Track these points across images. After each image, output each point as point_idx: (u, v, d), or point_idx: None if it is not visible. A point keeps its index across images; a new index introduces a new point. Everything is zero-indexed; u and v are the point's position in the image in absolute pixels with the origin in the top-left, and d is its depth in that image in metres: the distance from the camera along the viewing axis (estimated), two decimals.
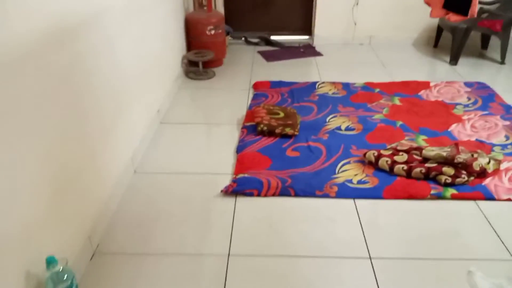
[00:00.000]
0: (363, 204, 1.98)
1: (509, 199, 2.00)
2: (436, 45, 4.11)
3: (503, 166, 2.22)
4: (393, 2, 4.03)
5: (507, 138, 2.49)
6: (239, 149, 2.38)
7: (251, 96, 3.07)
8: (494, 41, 3.95)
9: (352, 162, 2.27)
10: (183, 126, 2.67)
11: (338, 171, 2.19)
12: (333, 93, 3.09)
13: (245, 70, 3.58)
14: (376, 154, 2.23)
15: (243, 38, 4.28)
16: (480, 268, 1.59)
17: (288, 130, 2.49)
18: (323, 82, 3.27)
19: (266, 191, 2.02)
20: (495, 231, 1.81)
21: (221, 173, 2.19)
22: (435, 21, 4.02)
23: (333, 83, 3.27)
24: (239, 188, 2.03)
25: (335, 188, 2.05)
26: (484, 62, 3.77)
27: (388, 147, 2.37)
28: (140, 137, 2.35)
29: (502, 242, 1.75)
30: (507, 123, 2.65)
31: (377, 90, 3.14)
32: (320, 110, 2.83)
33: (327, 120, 2.70)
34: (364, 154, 2.28)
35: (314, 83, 3.26)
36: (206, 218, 1.89)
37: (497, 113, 2.79)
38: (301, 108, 2.84)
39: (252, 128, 2.57)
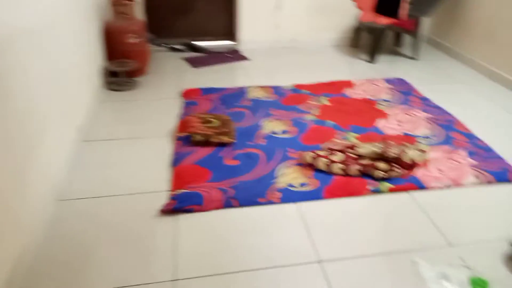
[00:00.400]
0: (307, 207, 1.97)
1: (438, 187, 2.13)
2: (355, 45, 4.30)
3: (429, 156, 2.36)
4: (313, 5, 4.16)
5: (429, 129, 2.66)
6: (175, 162, 2.25)
7: (181, 105, 2.95)
8: (406, 39, 4.24)
9: (291, 165, 2.26)
10: (108, 143, 2.47)
11: (279, 175, 2.17)
12: (264, 97, 3.08)
13: (172, 78, 3.44)
14: (313, 155, 2.25)
15: (167, 45, 4.12)
16: (424, 257, 1.66)
17: (225, 138, 2.42)
18: (253, 87, 3.25)
19: (209, 205, 1.93)
20: (431, 219, 1.90)
21: (158, 191, 2.05)
22: (354, 22, 4.21)
23: (263, 87, 3.26)
24: (180, 205, 1.91)
25: (278, 194, 2.02)
26: (399, 58, 4.02)
27: (323, 147, 2.41)
28: (61, 160, 2.12)
29: (438, 230, 1.84)
30: (427, 115, 2.84)
31: (306, 91, 3.20)
32: (253, 115, 2.80)
33: (262, 124, 2.68)
34: (302, 156, 2.29)
35: (244, 88, 3.23)
36: (146, 243, 1.75)
37: (417, 106, 2.98)
38: (234, 114, 2.79)
39: (186, 139, 2.46)
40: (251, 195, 2.00)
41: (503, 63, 3.41)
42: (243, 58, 3.96)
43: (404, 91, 3.23)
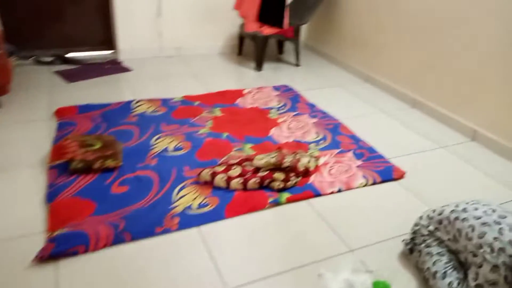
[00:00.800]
0: (208, 229, 1.85)
1: (332, 192, 2.19)
2: (240, 52, 4.32)
3: (321, 161, 2.43)
4: (196, 11, 4.05)
5: (318, 134, 2.76)
6: (50, 197, 1.93)
7: (54, 127, 2.57)
8: (287, 46, 4.41)
9: (188, 185, 2.11)
10: None
11: (175, 199, 2.00)
12: (152, 112, 2.87)
13: (42, 96, 3.01)
14: (210, 172, 2.14)
15: (33, 58, 3.61)
16: (328, 267, 1.66)
17: (110, 162, 2.17)
18: (139, 101, 3.01)
19: (95, 245, 1.67)
20: (330, 226, 1.94)
21: (30, 234, 1.72)
22: (238, 29, 4.22)
23: (150, 100, 3.04)
24: (60, 248, 1.62)
25: (176, 220, 1.86)
26: (283, 65, 4.15)
27: (220, 162, 2.31)
28: None
29: (338, 236, 1.88)
30: (315, 120, 2.95)
31: (197, 103, 3.07)
32: (142, 133, 2.58)
33: (152, 142, 2.48)
34: (199, 174, 2.16)
35: (129, 103, 2.97)
36: None
37: (304, 112, 3.07)
38: (120, 133, 2.53)
39: (63, 167, 2.14)
40: (146, 225, 1.80)
41: (374, 66, 3.73)
42: (125, 69, 3.67)
43: (291, 98, 3.32)
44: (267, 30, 3.72)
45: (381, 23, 3.59)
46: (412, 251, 1.74)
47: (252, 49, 4.04)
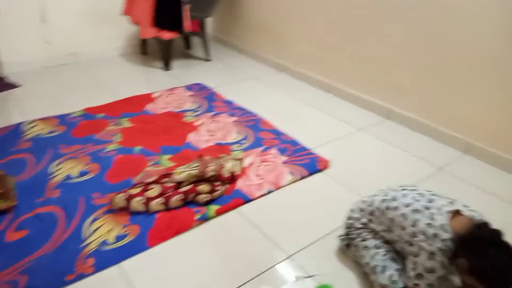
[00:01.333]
0: (131, 265, 1.63)
1: (262, 195, 2.07)
2: (144, 51, 4.01)
3: (246, 163, 2.30)
4: (87, 13, 3.64)
5: (239, 133, 2.62)
6: None
7: None
8: (195, 40, 4.19)
9: (101, 215, 1.85)
10: None
11: (87, 235, 1.74)
12: (48, 133, 2.50)
13: None
14: (125, 196, 1.89)
15: None
16: (270, 280, 1.55)
17: (1, 204, 1.82)
18: (31, 121, 2.61)
19: None
20: (264, 234, 1.82)
21: None
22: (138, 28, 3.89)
23: (45, 119, 2.66)
24: None
25: (91, 261, 1.61)
26: (193, 61, 3.94)
27: (136, 182, 2.07)
28: None
29: (273, 243, 1.78)
30: (234, 118, 2.80)
31: (101, 115, 2.75)
32: (38, 160, 2.22)
33: (52, 170, 2.14)
34: (112, 200, 1.90)
35: (19, 126, 2.56)
36: None
37: (222, 111, 2.91)
38: (10, 165, 2.15)
39: None
40: (54, 275, 1.53)
41: (285, 55, 3.68)
42: (10, 85, 3.18)
43: (207, 97, 3.13)
44: (167, 35, 3.44)
45: (285, 10, 3.53)
46: (349, 246, 1.69)
47: (157, 48, 3.76)
